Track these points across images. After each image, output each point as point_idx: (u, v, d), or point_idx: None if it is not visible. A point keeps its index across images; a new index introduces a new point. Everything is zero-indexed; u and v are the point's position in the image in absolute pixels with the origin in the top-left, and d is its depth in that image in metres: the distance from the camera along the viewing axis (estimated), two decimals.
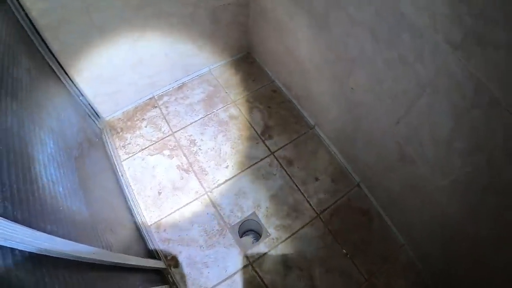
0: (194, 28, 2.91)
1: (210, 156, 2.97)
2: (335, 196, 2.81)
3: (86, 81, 2.65)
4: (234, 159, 2.96)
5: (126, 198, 2.66)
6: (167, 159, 2.95)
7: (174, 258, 2.54)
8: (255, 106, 3.28)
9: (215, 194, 2.79)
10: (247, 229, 2.77)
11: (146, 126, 3.14)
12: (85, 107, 2.75)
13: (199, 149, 3.01)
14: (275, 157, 2.98)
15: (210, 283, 2.46)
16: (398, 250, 2.61)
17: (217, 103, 3.29)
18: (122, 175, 2.80)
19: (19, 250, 0.98)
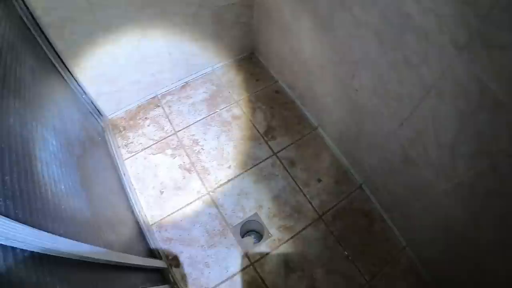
0: (198, 27, 2.91)
1: (213, 156, 2.97)
2: (338, 197, 2.79)
3: (89, 79, 2.65)
4: (236, 159, 2.96)
5: (128, 197, 2.65)
6: (170, 159, 2.95)
7: (175, 258, 2.53)
8: (258, 106, 3.27)
9: (217, 194, 2.79)
10: (249, 229, 2.76)
11: (148, 125, 3.14)
12: (87, 106, 2.74)
13: (202, 148, 3.00)
14: (278, 157, 2.97)
15: (211, 283, 2.45)
16: (399, 253, 2.60)
17: (220, 103, 3.28)
18: (124, 174, 2.80)
19: (21, 249, 0.98)
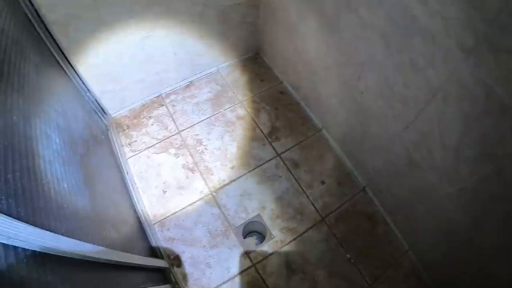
0: (203, 27, 2.90)
1: (216, 156, 2.96)
2: (341, 200, 2.78)
3: (93, 77, 2.65)
4: (240, 160, 2.95)
5: (130, 196, 2.65)
6: (173, 158, 2.95)
7: (177, 258, 2.53)
8: (263, 107, 3.26)
9: (220, 195, 2.78)
10: (251, 230, 2.75)
11: (152, 124, 3.13)
12: (91, 104, 2.74)
13: (205, 148, 3.00)
14: (282, 159, 2.96)
15: (213, 284, 2.44)
16: (402, 256, 2.59)
17: (224, 103, 3.28)
18: (127, 173, 2.80)
19: (22, 248, 0.97)
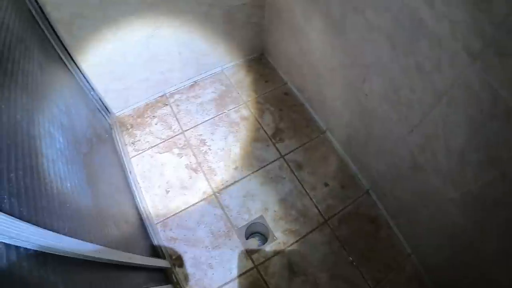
0: (209, 27, 2.90)
1: (220, 156, 2.96)
2: (344, 202, 2.77)
3: (97, 76, 2.65)
4: (243, 161, 2.94)
5: (133, 195, 2.64)
6: (176, 158, 2.94)
7: (179, 258, 2.52)
8: (267, 108, 3.25)
9: (223, 195, 2.77)
10: (254, 231, 2.74)
11: (156, 124, 3.13)
12: (95, 102, 2.74)
13: (209, 149, 2.99)
14: (285, 160, 2.95)
15: (214, 285, 2.44)
16: (404, 260, 2.57)
17: (228, 104, 3.27)
18: (131, 172, 2.80)
19: (24, 248, 0.97)
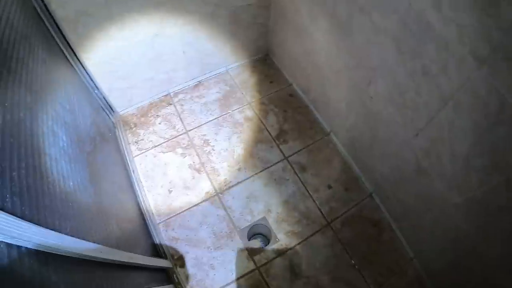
0: (214, 27, 2.90)
1: (223, 157, 2.95)
2: (347, 205, 2.76)
3: (102, 74, 2.65)
4: (247, 162, 2.94)
5: (136, 195, 2.64)
6: (180, 158, 2.94)
7: (180, 258, 2.52)
8: (271, 109, 3.25)
9: (226, 196, 2.77)
10: (256, 233, 2.74)
11: (160, 123, 3.13)
12: (99, 101, 2.74)
13: (213, 149, 2.99)
14: (289, 162, 2.94)
15: (216, 286, 2.43)
16: (406, 264, 2.56)
17: (232, 104, 3.27)
18: (134, 171, 2.79)
19: (26, 248, 0.96)
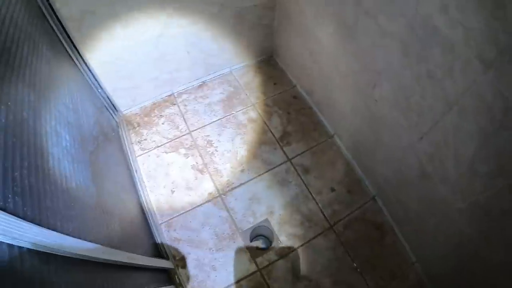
0: (219, 27, 2.90)
1: (226, 158, 2.95)
2: (350, 208, 2.75)
3: (106, 74, 2.66)
4: (250, 163, 2.93)
5: (138, 195, 2.64)
6: (183, 158, 2.94)
7: (182, 259, 2.52)
8: (275, 110, 3.24)
9: (229, 197, 2.76)
10: (258, 235, 2.73)
11: (163, 123, 3.13)
12: (103, 100, 2.75)
13: (216, 150, 2.98)
14: (292, 164, 2.94)
15: (217, 287, 2.43)
16: (408, 268, 2.54)
17: (236, 105, 3.26)
18: (136, 171, 2.79)
19: (27, 248, 0.96)
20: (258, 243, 2.67)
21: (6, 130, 1.07)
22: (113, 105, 2.93)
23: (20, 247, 0.93)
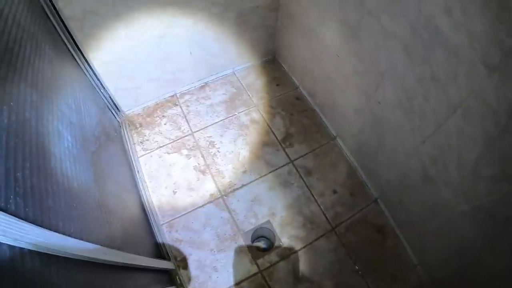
0: (222, 28, 2.89)
1: (229, 159, 2.94)
2: (352, 210, 2.74)
3: (108, 74, 2.66)
4: (252, 165, 2.92)
5: (140, 195, 2.64)
6: (185, 159, 2.93)
7: (183, 260, 2.51)
8: (278, 112, 3.23)
9: (231, 199, 2.76)
10: (260, 236, 2.72)
11: (165, 124, 3.13)
12: (105, 100, 2.75)
13: (218, 151, 2.98)
14: (294, 166, 2.93)
15: None
16: (410, 271, 2.53)
17: (239, 106, 3.26)
18: (138, 172, 2.79)
19: (29, 250, 0.95)
20: (259, 245, 2.67)
21: (8, 130, 1.06)
22: (115, 105, 2.93)
23: (21, 248, 0.93)
